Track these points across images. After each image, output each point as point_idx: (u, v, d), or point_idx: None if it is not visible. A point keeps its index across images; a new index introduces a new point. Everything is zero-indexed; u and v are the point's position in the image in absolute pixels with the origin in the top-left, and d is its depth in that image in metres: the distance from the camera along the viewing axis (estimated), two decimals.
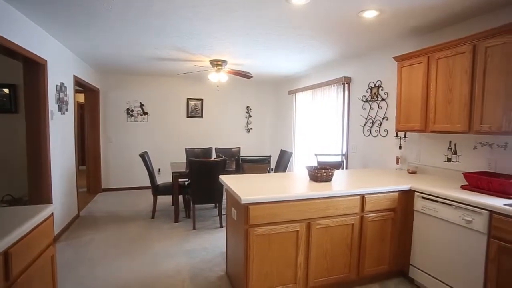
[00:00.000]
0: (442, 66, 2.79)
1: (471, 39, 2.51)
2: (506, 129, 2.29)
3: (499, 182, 2.32)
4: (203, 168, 4.08)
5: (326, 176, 2.77)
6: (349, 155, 4.70)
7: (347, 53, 4.34)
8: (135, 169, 6.52)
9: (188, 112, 6.88)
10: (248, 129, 7.40)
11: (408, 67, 3.14)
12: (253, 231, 2.22)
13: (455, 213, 2.33)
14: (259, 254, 2.27)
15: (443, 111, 2.78)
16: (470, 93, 2.54)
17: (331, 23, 3.07)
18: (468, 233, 2.25)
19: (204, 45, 3.97)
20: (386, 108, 3.94)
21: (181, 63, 5.12)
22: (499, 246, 2.04)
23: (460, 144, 3.00)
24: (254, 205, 2.21)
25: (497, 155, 2.69)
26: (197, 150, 5.80)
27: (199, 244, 3.66)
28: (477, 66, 2.48)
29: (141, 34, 3.47)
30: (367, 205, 2.60)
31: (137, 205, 5.34)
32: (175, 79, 6.70)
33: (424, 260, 2.62)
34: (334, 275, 2.55)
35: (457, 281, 2.33)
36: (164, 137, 6.75)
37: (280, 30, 3.30)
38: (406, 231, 2.79)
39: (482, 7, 2.60)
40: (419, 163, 3.47)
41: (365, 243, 2.64)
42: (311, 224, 2.40)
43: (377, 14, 2.77)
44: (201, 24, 3.13)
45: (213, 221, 4.50)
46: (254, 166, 4.26)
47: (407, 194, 2.76)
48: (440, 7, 2.62)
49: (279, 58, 4.71)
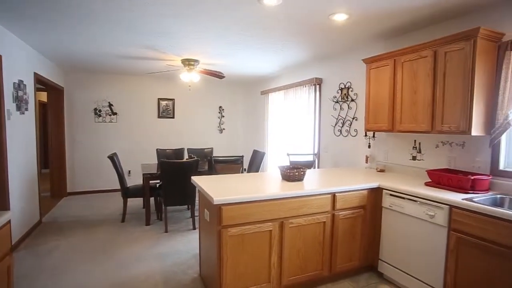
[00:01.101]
0: (407, 69, 2.92)
1: (432, 44, 2.65)
2: (463, 128, 2.43)
3: (458, 178, 2.47)
4: (175, 169, 4.00)
5: (298, 175, 2.81)
6: (321, 155, 4.80)
7: (319, 55, 4.44)
8: (104, 171, 6.27)
9: (160, 112, 6.72)
10: (221, 129, 7.36)
11: (376, 69, 3.26)
12: (226, 231, 2.21)
13: (420, 208, 2.45)
14: (233, 255, 2.26)
15: (408, 112, 2.92)
16: (432, 95, 2.68)
17: (302, 25, 3.11)
18: (431, 227, 2.37)
19: (175, 44, 3.89)
20: (355, 108, 4.07)
21: (152, 62, 4.99)
22: (458, 237, 2.17)
23: (424, 143, 3.16)
24: (227, 206, 2.19)
25: (456, 153, 2.85)
26: (169, 151, 5.68)
27: (171, 246, 3.59)
28: (438, 70, 2.62)
29: (109, 30, 3.34)
30: (338, 203, 2.66)
31: (106, 209, 5.13)
32: (145, 79, 6.52)
33: (392, 255, 2.73)
34: (307, 272, 2.59)
35: (421, 272, 2.45)
36: (134, 138, 6.54)
37: (253, 30, 3.31)
38: (375, 227, 2.89)
39: (442, 15, 2.76)
40: (387, 161, 3.62)
41: (336, 240, 2.70)
42: (284, 223, 2.42)
43: (346, 17, 2.85)
44: (172, 22, 3.06)
45: (186, 223, 4.42)
46: (227, 167, 4.23)
47: (376, 191, 2.86)
48: (403, 14, 2.74)
49: (252, 59, 4.72)
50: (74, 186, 6.14)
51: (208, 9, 2.72)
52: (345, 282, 2.80)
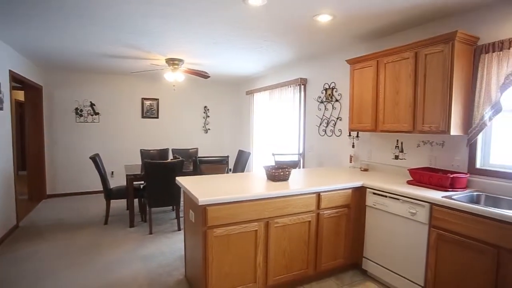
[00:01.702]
0: (389, 70, 2.98)
1: (413, 46, 2.72)
2: (443, 128, 2.51)
3: (438, 177, 2.54)
4: (159, 170, 3.95)
5: (283, 175, 2.82)
6: (306, 154, 4.84)
7: (303, 55, 4.47)
8: (86, 173, 6.12)
9: (143, 112, 6.61)
10: (206, 129, 7.31)
11: (360, 70, 3.32)
12: (212, 232, 2.20)
13: (402, 206, 2.51)
14: (218, 255, 2.25)
15: (391, 112, 2.98)
16: (413, 96, 2.75)
17: (287, 26, 3.13)
18: (413, 224, 2.43)
19: (159, 43, 3.84)
20: (340, 108, 4.12)
21: (136, 61, 4.91)
22: (438, 234, 2.23)
23: (406, 143, 3.23)
24: (212, 206, 2.18)
25: (436, 152, 2.94)
26: (153, 152, 5.60)
27: (156, 248, 3.54)
28: (419, 71, 2.69)
29: (91, 28, 3.26)
30: (323, 202, 2.69)
31: (88, 211, 5.00)
32: (129, 78, 6.40)
33: (375, 252, 2.78)
34: (292, 272, 2.61)
35: (404, 268, 2.51)
36: (117, 139, 6.41)
37: (238, 30, 3.30)
38: (359, 225, 2.94)
39: (422, 18, 2.83)
40: (370, 161, 3.68)
41: (321, 239, 2.73)
42: (269, 223, 2.43)
43: (330, 18, 2.88)
44: (157, 21, 3.02)
45: (171, 224, 4.37)
46: (212, 167, 4.21)
47: (360, 190, 2.91)
48: (384, 16, 2.80)
49: (237, 58, 4.71)
50: (54, 188, 5.95)
51: (193, 9, 2.69)
52: (330, 280, 2.83)
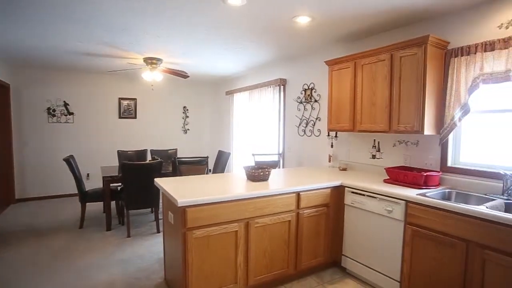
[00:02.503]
0: (367, 71, 3.06)
1: (389, 48, 2.80)
2: (417, 128, 2.60)
3: (413, 175, 2.63)
4: (137, 171, 3.86)
5: (263, 175, 2.83)
6: (285, 154, 4.88)
7: (283, 56, 4.51)
8: (59, 175, 5.88)
9: (120, 112, 6.43)
10: (185, 130, 7.21)
11: (338, 71, 3.38)
12: (191, 234, 2.17)
13: (379, 204, 2.58)
14: (198, 257, 2.22)
15: (368, 113, 3.05)
16: (389, 97, 2.83)
17: (267, 26, 3.14)
18: (390, 221, 2.50)
19: (137, 42, 3.75)
20: (319, 109, 4.18)
21: (112, 60, 4.77)
22: (413, 230, 2.31)
23: (382, 142, 3.33)
24: (191, 208, 2.15)
25: (411, 151, 3.04)
26: (131, 153, 5.47)
27: (134, 252, 3.45)
28: (394, 73, 2.78)
29: (63, 24, 3.13)
30: (303, 202, 2.72)
31: (61, 215, 4.81)
32: (105, 77, 6.21)
33: (354, 250, 2.84)
34: (273, 271, 2.62)
35: (381, 264, 2.58)
36: (93, 139, 6.20)
37: (217, 30, 3.28)
38: (339, 224, 2.99)
39: (396, 22, 2.92)
40: (349, 160, 3.76)
41: (301, 238, 2.76)
42: (250, 223, 2.43)
43: (309, 20, 2.92)
44: (134, 19, 2.95)
45: (150, 227, 4.28)
46: (192, 168, 4.16)
47: (339, 189, 2.96)
48: (361, 19, 2.86)
49: (216, 58, 4.68)
50: (24, 192, 5.68)
51: (171, 7, 2.65)
52: (311, 279, 2.87)
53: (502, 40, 2.29)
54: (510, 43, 2.25)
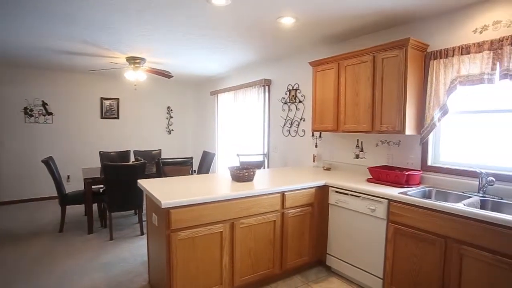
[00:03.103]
0: (350, 72, 3.11)
1: (371, 50, 2.86)
2: (398, 128, 2.66)
3: (395, 174, 2.69)
4: (120, 172, 3.78)
5: (248, 176, 2.83)
6: (270, 155, 4.90)
7: (268, 56, 4.52)
8: (37, 177, 5.69)
9: (103, 112, 6.29)
10: (169, 130, 7.13)
11: (322, 72, 3.42)
12: (176, 235, 2.14)
13: (362, 203, 2.62)
14: (183, 259, 2.20)
15: (351, 113, 3.10)
16: (372, 98, 2.89)
17: (251, 27, 3.15)
18: (373, 220, 2.55)
19: (119, 41, 3.68)
20: (303, 109, 4.22)
21: (94, 59, 4.66)
22: (395, 228, 2.37)
23: (365, 142, 3.39)
24: (175, 209, 2.13)
25: (393, 151, 3.11)
26: (113, 154, 5.36)
27: (117, 255, 3.38)
28: (377, 74, 2.83)
29: (41, 21, 3.04)
30: (287, 201, 2.74)
31: (40, 219, 4.66)
32: (86, 76, 6.06)
33: (338, 249, 2.88)
34: (259, 271, 2.62)
35: (365, 262, 2.62)
36: (73, 140, 6.03)
37: (201, 30, 3.26)
38: (323, 223, 3.03)
39: (378, 25, 2.98)
40: (332, 160, 3.81)
41: (286, 238, 2.78)
42: (235, 224, 2.42)
43: (293, 21, 2.94)
44: (117, 17, 2.89)
45: (133, 229, 4.20)
46: (176, 169, 4.11)
47: (323, 189, 3.00)
48: (344, 21, 2.91)
49: (201, 58, 4.65)
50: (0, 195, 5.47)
51: (155, 6, 2.62)
52: (296, 278, 2.89)
53: (477, 44, 2.39)
54: (484, 47, 2.34)
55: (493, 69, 2.30)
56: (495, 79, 2.30)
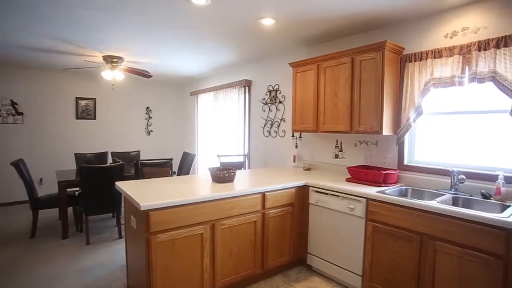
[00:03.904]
0: (329, 74, 3.16)
1: (350, 52, 2.92)
2: (376, 129, 2.74)
3: (373, 174, 2.76)
4: (97, 174, 3.66)
5: (228, 176, 2.82)
6: (251, 155, 4.90)
7: (248, 57, 4.52)
8: (7, 181, 5.41)
9: (78, 112, 6.07)
10: (149, 131, 6.99)
11: (302, 73, 3.46)
12: (155, 238, 2.10)
13: (342, 202, 2.67)
14: (163, 262, 2.16)
15: (331, 114, 3.16)
16: (351, 99, 2.95)
17: (232, 27, 3.14)
18: (352, 219, 2.60)
19: (95, 39, 3.57)
20: (283, 110, 4.25)
21: (68, 57, 4.50)
22: (373, 226, 2.43)
23: (344, 143, 3.45)
24: (155, 211, 2.08)
25: (371, 151, 3.19)
26: (90, 155, 5.19)
27: (94, 259, 3.27)
28: (355, 76, 2.90)
29: (10, 16, 2.90)
30: (268, 202, 2.74)
31: (10, 224, 4.43)
32: (60, 75, 5.83)
33: (319, 247, 2.92)
34: (240, 272, 2.61)
35: (344, 260, 2.67)
36: (46, 142, 5.78)
37: (181, 29, 3.22)
38: (303, 223, 3.06)
39: (356, 27, 3.05)
40: (313, 160, 3.86)
41: (267, 238, 2.78)
42: (215, 225, 2.41)
43: (273, 22, 2.96)
44: (93, 14, 2.80)
45: (111, 233, 4.08)
46: (155, 170, 4.04)
47: (303, 189, 3.03)
48: (323, 23, 2.96)
49: (180, 58, 4.59)
50: None
51: (132, 4, 2.56)
52: (277, 278, 2.90)
53: (448, 49, 2.49)
54: (454, 51, 2.45)
55: (463, 72, 2.41)
56: (465, 82, 2.41)
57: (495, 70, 2.24)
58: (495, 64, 2.24)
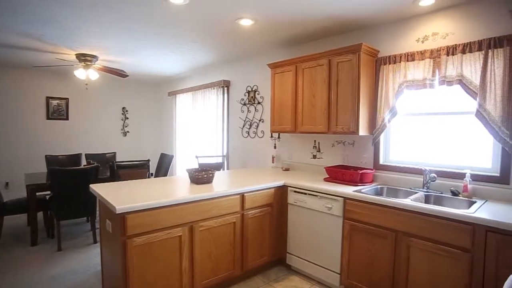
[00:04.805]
0: (307, 75, 3.20)
1: (327, 54, 2.98)
2: (353, 129, 2.80)
3: (350, 173, 2.82)
4: (69, 177, 3.52)
5: (207, 177, 2.79)
6: (230, 156, 4.89)
7: (227, 57, 4.51)
8: None
9: (49, 113, 5.82)
10: (125, 132, 6.81)
11: (280, 74, 3.49)
12: (132, 242, 2.04)
13: (320, 202, 2.71)
14: (140, 266, 2.10)
15: (309, 114, 3.20)
16: (328, 100, 3.00)
17: (210, 27, 3.12)
18: (330, 218, 2.65)
19: (68, 36, 3.44)
20: (262, 110, 4.27)
21: (38, 54, 4.30)
22: (350, 225, 2.48)
23: (322, 143, 3.51)
24: (131, 214, 2.03)
25: (348, 151, 3.26)
26: (62, 158, 4.98)
27: (66, 266, 3.14)
28: (332, 77, 2.95)
29: None
30: (247, 203, 2.74)
31: None
32: (29, 73, 5.56)
33: (298, 247, 2.94)
34: (219, 274, 2.59)
35: (323, 259, 2.71)
36: (14, 143, 5.50)
37: (158, 28, 3.16)
38: (282, 223, 3.08)
39: (334, 30, 3.11)
40: (291, 160, 3.89)
41: (247, 239, 2.78)
42: (194, 227, 2.37)
43: (252, 23, 2.97)
44: (63, 9, 2.69)
45: (86, 237, 3.93)
46: (132, 172, 3.94)
47: (282, 189, 3.05)
48: (300, 25, 3.00)
49: (158, 58, 4.51)
50: None
51: (109, 1, 2.48)
52: (257, 278, 2.90)
53: (420, 53, 2.60)
54: (425, 55, 2.56)
55: (434, 75, 2.52)
56: (435, 84, 2.52)
57: (462, 74, 2.36)
58: (462, 68, 2.36)
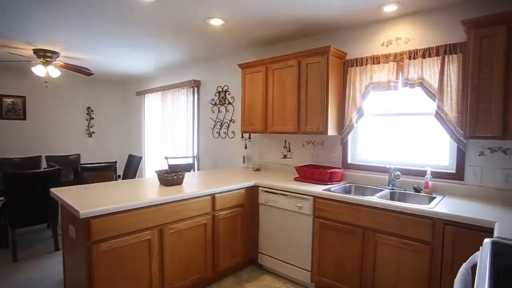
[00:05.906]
0: (277, 76, 3.23)
1: (296, 55, 3.02)
2: (322, 130, 2.87)
3: (319, 172, 2.88)
4: (26, 181, 3.29)
5: (176, 179, 2.73)
6: (200, 157, 4.82)
7: (197, 57, 4.44)
8: None
9: (3, 112, 5.41)
10: (90, 133, 6.49)
11: (250, 74, 3.49)
12: (98, 247, 1.95)
13: (290, 201, 2.75)
14: (107, 272, 2.01)
15: (279, 115, 3.23)
16: (298, 100, 3.05)
17: (179, 26, 3.05)
18: (300, 217, 2.69)
19: (23, 29, 3.21)
20: (232, 111, 4.25)
21: None
22: (320, 223, 2.54)
23: (292, 143, 3.56)
24: (96, 218, 1.94)
25: (318, 150, 3.33)
26: (18, 160, 4.66)
27: (23, 278, 2.92)
28: (302, 78, 3.00)
29: None
30: (218, 203, 2.72)
31: None
32: None
33: (269, 246, 2.96)
34: (191, 276, 2.54)
35: (294, 258, 2.75)
36: None
37: (124, 25, 3.04)
38: (254, 223, 3.08)
39: (302, 31, 3.17)
40: (262, 161, 3.91)
41: (218, 240, 2.75)
42: (164, 230, 2.31)
43: (222, 23, 2.95)
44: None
45: (46, 245, 3.69)
46: (98, 174, 3.77)
47: (253, 189, 3.05)
48: (270, 26, 3.03)
49: (124, 56, 4.34)
50: None
51: None
52: (229, 279, 2.88)
53: (384, 56, 2.72)
54: (390, 58, 2.68)
55: (397, 78, 2.65)
56: (399, 86, 2.64)
57: (423, 77, 2.49)
58: (422, 72, 2.50)
